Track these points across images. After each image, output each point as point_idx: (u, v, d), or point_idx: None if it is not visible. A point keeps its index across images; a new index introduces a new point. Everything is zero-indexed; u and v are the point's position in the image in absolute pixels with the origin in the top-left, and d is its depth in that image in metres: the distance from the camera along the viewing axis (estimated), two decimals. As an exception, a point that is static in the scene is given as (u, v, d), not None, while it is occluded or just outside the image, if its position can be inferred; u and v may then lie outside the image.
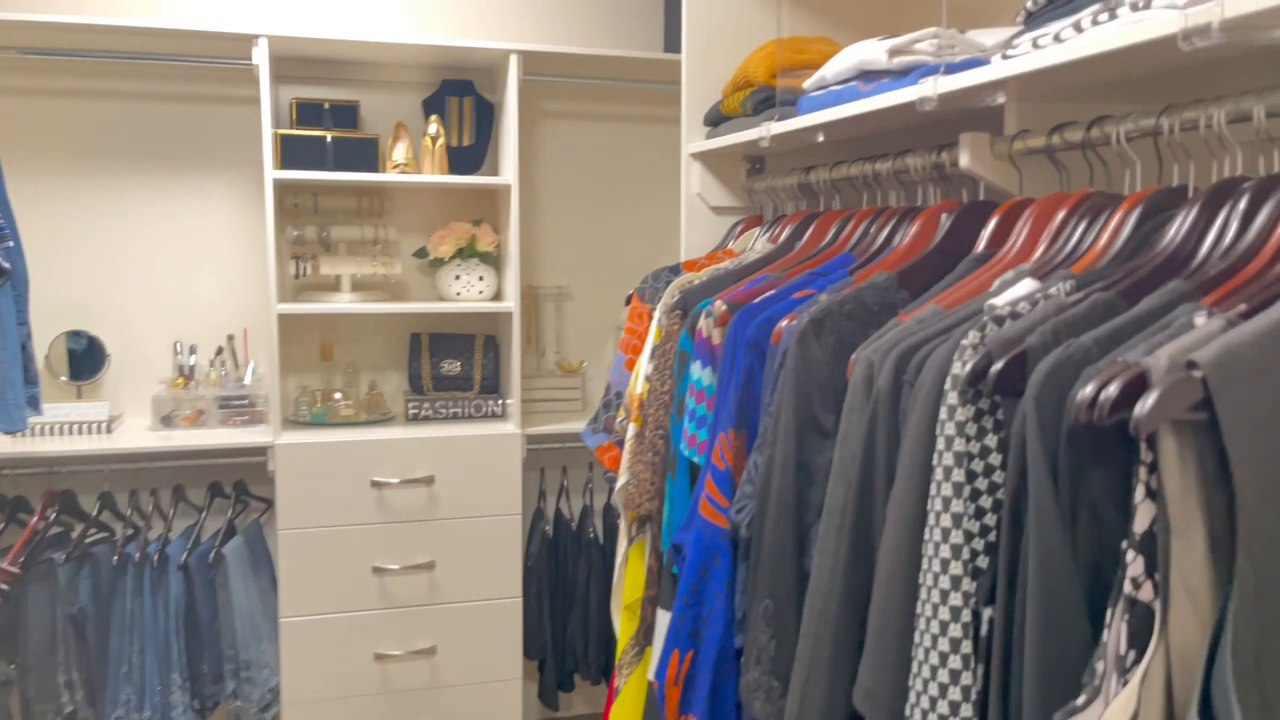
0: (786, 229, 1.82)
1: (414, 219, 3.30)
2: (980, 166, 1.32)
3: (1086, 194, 1.14)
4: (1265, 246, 0.87)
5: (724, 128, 1.98)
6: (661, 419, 1.74)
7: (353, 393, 3.18)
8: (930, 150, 1.45)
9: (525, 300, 3.37)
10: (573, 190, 3.43)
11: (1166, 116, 1.03)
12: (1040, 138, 1.23)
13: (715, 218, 2.12)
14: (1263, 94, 0.93)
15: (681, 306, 1.74)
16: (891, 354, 1.08)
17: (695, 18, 2.06)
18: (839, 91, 1.59)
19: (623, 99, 3.43)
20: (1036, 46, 1.14)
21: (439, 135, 3.08)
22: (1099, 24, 1.05)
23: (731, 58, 2.08)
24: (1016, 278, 1.10)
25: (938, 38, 1.43)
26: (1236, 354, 0.74)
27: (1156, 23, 0.92)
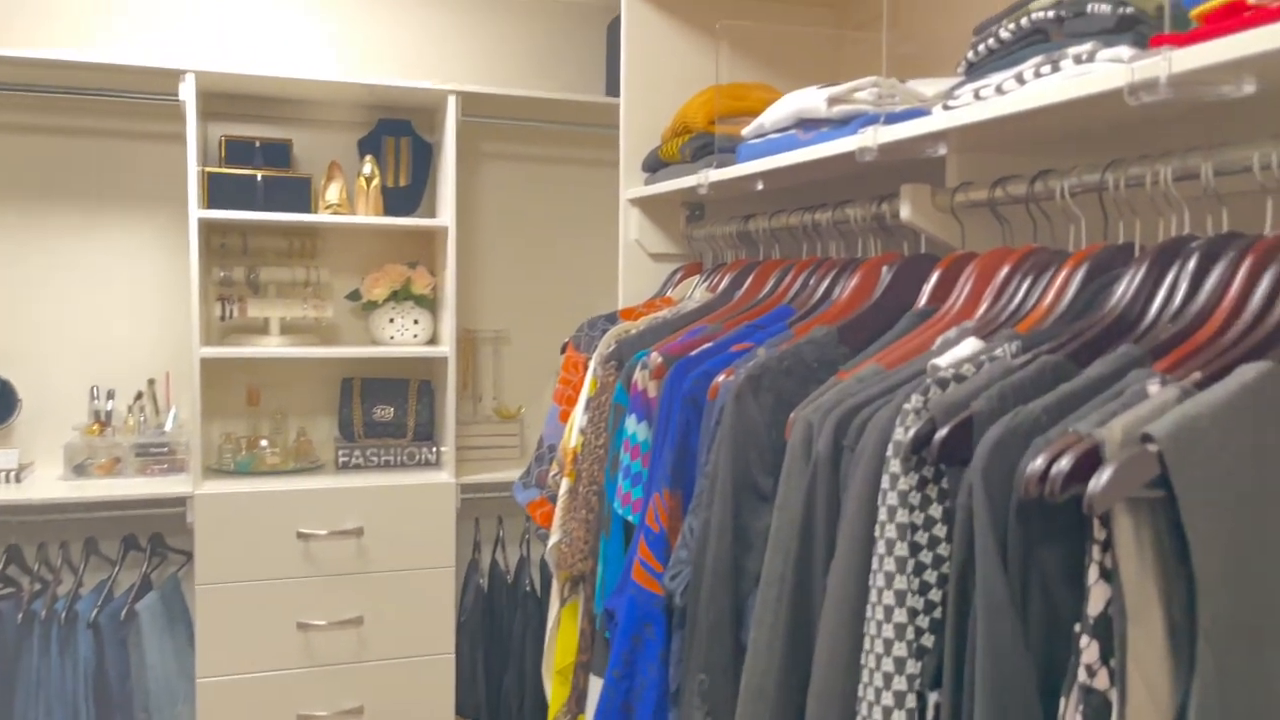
0: (725, 278, 1.77)
1: (347, 260, 3.21)
2: (921, 218, 1.28)
3: (1030, 250, 1.11)
4: (1216, 310, 0.83)
5: (662, 174, 1.93)
6: (596, 474, 1.67)
7: (280, 440, 3.05)
8: (870, 201, 1.41)
9: (462, 344, 3.28)
10: (512, 232, 3.37)
11: (1112, 172, 1.00)
12: (982, 190, 1.19)
13: (654, 264, 2.07)
14: (1210, 151, 0.90)
15: (617, 357, 1.68)
16: (831, 416, 1.02)
17: (634, 63, 2.02)
18: (778, 139, 1.55)
19: (563, 142, 3.39)
20: (978, 98, 1.10)
21: (374, 176, 3.00)
22: (1042, 76, 1.01)
23: (670, 103, 2.04)
24: (959, 336, 1.05)
25: (877, 87, 1.40)
26: (1193, 427, 0.69)
27: (1103, 76, 0.88)
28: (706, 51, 2.06)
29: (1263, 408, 0.71)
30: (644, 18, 2.03)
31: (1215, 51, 0.79)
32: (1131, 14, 0.94)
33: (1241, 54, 0.77)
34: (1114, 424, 0.72)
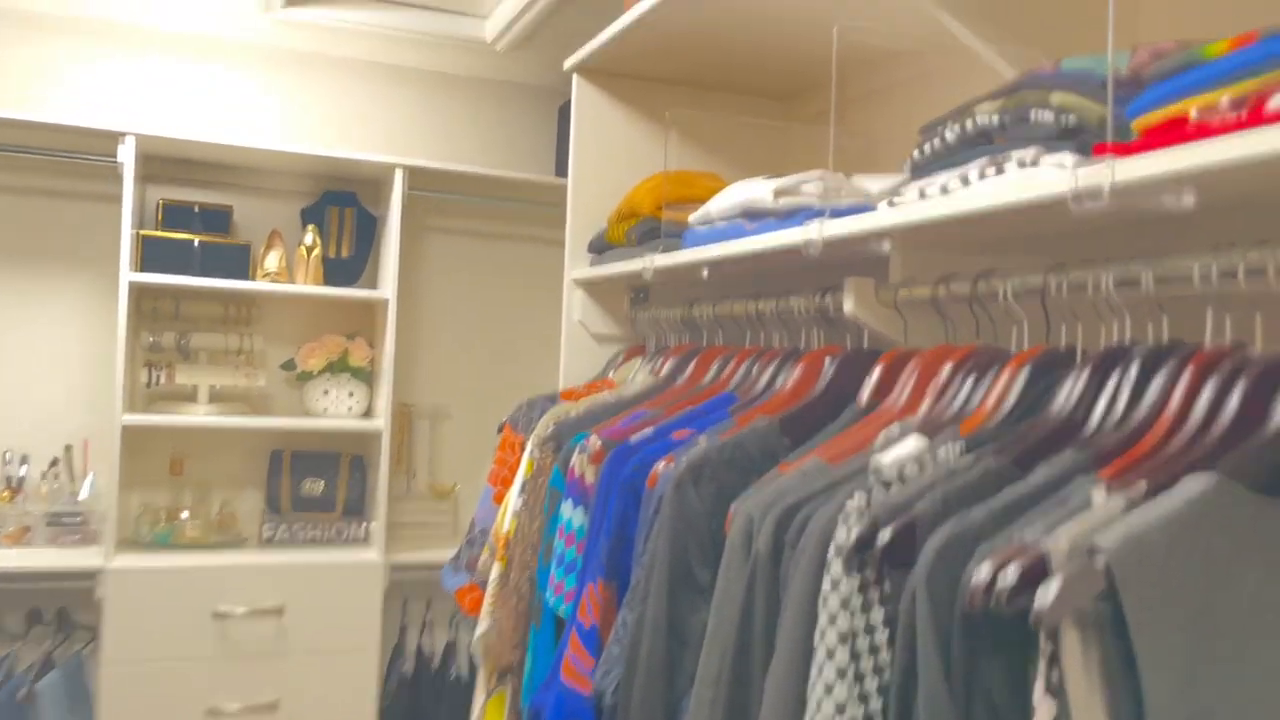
0: (669, 362, 1.75)
1: (284, 330, 3.14)
2: (864, 313, 1.28)
3: (973, 349, 1.10)
4: (1160, 419, 0.83)
5: (608, 256, 1.92)
6: (528, 561, 1.62)
7: (202, 512, 2.94)
8: (814, 293, 1.41)
9: (398, 418, 3.21)
10: (454, 307, 3.34)
11: (1054, 275, 1.00)
12: (925, 288, 1.20)
13: (596, 346, 2.05)
14: (1150, 260, 0.91)
15: (555, 439, 1.64)
16: (772, 511, 1.00)
17: (583, 146, 2.03)
18: (724, 228, 1.56)
19: (510, 219, 3.39)
20: (923, 196, 1.11)
21: (315, 245, 2.96)
22: (986, 178, 1.02)
23: (618, 186, 2.04)
24: (902, 434, 1.04)
25: (823, 181, 1.41)
26: (1142, 540, 0.68)
27: (1047, 182, 0.89)
28: (655, 138, 2.08)
29: (1210, 521, 0.70)
30: (594, 102, 2.05)
31: (1158, 163, 0.80)
32: (1074, 123, 0.95)
33: (1183, 167, 0.78)
34: (1060, 534, 0.71)
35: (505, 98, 3.42)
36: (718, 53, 1.90)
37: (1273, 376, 0.78)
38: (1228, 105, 0.76)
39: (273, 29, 3.00)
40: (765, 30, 1.77)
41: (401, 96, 3.31)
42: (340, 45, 3.14)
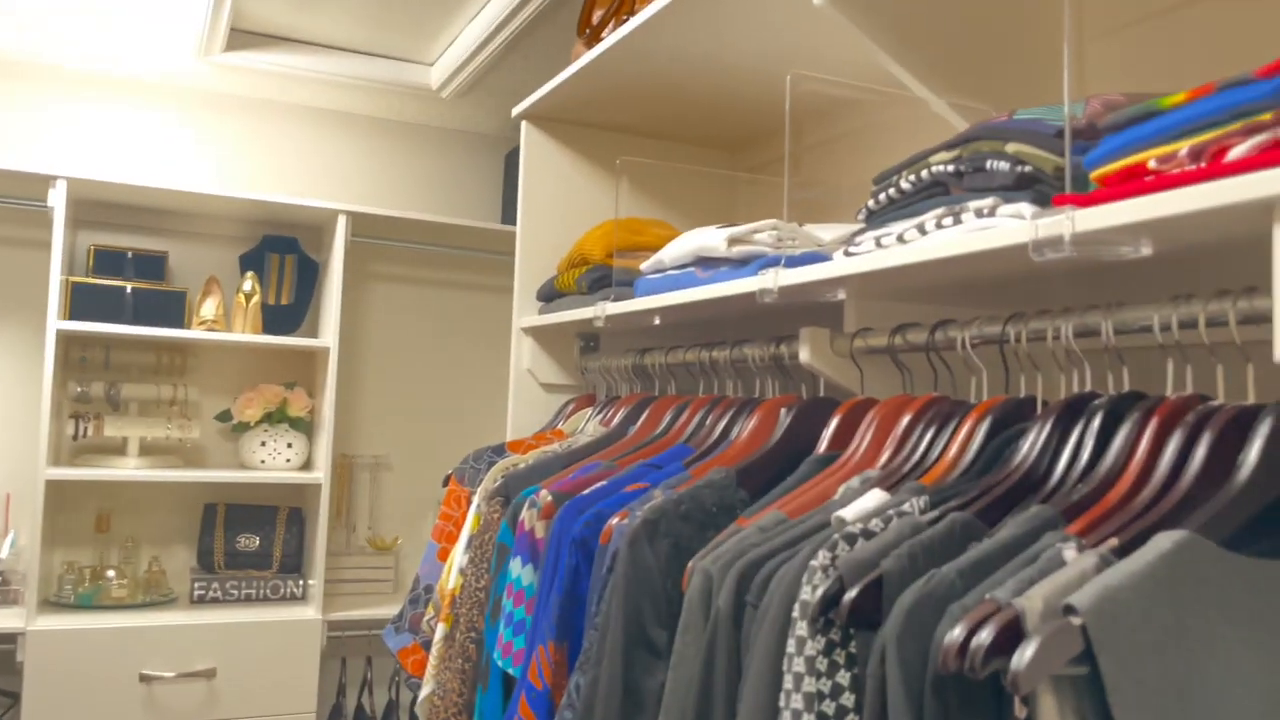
0: (620, 412, 1.72)
1: (219, 380, 3.05)
2: (820, 362, 1.26)
3: (931, 399, 1.09)
4: (1125, 472, 0.82)
5: (558, 304, 1.89)
6: (475, 620, 1.56)
7: (130, 570, 2.81)
8: (769, 342, 1.39)
9: (338, 470, 3.13)
10: (398, 356, 3.27)
11: (1012, 325, 1.00)
12: (882, 337, 1.18)
13: (545, 395, 2.01)
14: (1110, 310, 0.91)
15: (503, 493, 1.59)
16: (733, 569, 0.96)
17: (531, 193, 2.01)
18: (677, 276, 1.54)
19: (455, 266, 3.35)
20: (880, 245, 1.10)
21: (254, 293, 2.89)
22: (944, 228, 1.02)
23: (567, 234, 2.02)
24: (863, 487, 1.02)
25: (776, 230, 1.40)
26: (1116, 599, 0.66)
27: (1008, 231, 0.88)
28: (603, 185, 2.06)
29: (1183, 580, 0.68)
30: (543, 149, 2.03)
31: (1116, 214, 0.79)
32: (1030, 172, 0.95)
33: (1141, 218, 0.77)
34: (1034, 593, 0.68)
35: (451, 144, 3.40)
36: (666, 101, 1.90)
37: (1236, 429, 0.77)
38: (1187, 156, 0.76)
39: (212, 73, 2.95)
40: (713, 80, 1.77)
41: (345, 142, 3.26)
42: (282, 90, 3.10)
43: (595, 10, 1.89)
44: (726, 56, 1.66)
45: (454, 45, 2.85)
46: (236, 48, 2.77)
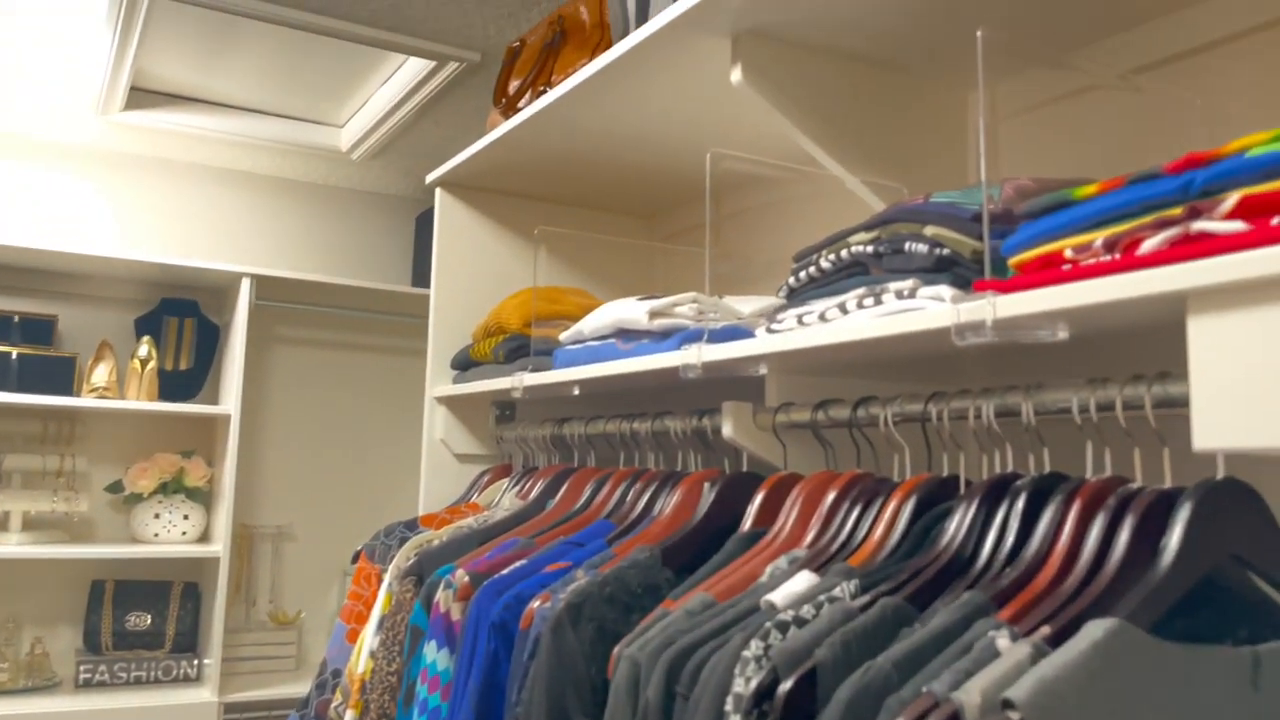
0: (538, 484, 1.68)
1: (111, 449, 2.90)
2: (743, 437, 1.26)
3: (854, 476, 1.09)
4: (1051, 555, 0.82)
5: (473, 373, 1.86)
6: (387, 706, 1.49)
7: (10, 653, 2.63)
8: (691, 415, 1.39)
9: (238, 541, 3.00)
10: (303, 421, 3.17)
11: (934, 404, 1.01)
12: (804, 412, 1.19)
13: (459, 466, 1.96)
14: (1029, 391, 0.92)
15: (417, 572, 1.54)
16: (662, 658, 0.94)
17: (446, 260, 1.98)
18: (597, 347, 1.52)
19: (364, 329, 3.28)
20: (802, 323, 1.11)
21: (150, 358, 2.77)
22: (865, 308, 1.03)
23: (482, 301, 2.00)
24: (791, 568, 1.01)
25: (697, 302, 1.40)
26: (1052, 691, 0.66)
27: (932, 315, 0.90)
28: (518, 252, 2.05)
29: (1114, 669, 0.68)
30: (458, 217, 2.01)
31: (1036, 301, 0.81)
32: (948, 255, 0.97)
33: (1060, 305, 0.79)
34: (971, 686, 0.68)
35: (361, 206, 3.35)
36: (582, 170, 1.90)
37: (1157, 512, 0.78)
38: (1102, 246, 0.79)
39: (111, 132, 2.86)
40: (630, 150, 1.78)
41: (251, 202, 3.19)
42: (186, 149, 3.01)
43: (511, 80, 1.89)
44: (644, 128, 1.67)
45: (365, 108, 2.82)
46: (137, 106, 2.69)
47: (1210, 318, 0.70)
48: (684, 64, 1.41)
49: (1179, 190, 0.74)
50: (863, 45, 1.33)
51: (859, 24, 1.26)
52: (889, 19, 1.25)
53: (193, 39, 2.46)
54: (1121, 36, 1.25)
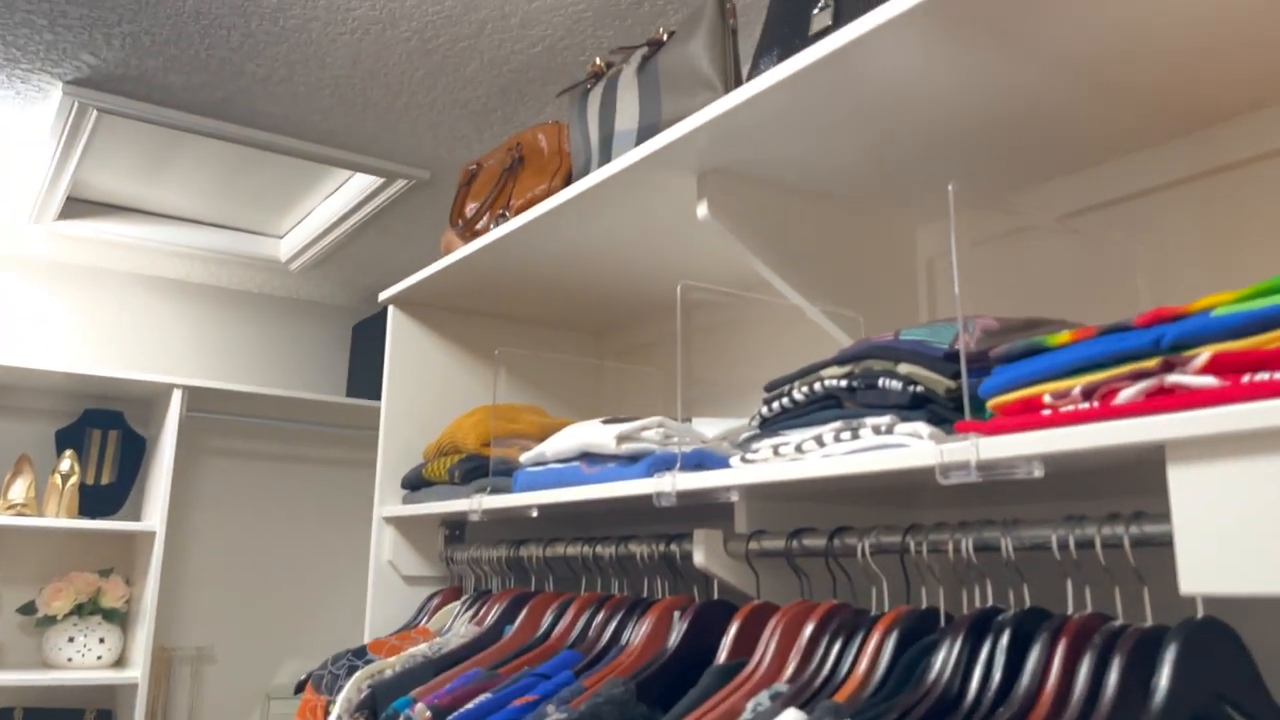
0: (494, 609, 1.65)
1: (23, 568, 2.76)
2: (715, 565, 1.26)
3: (832, 607, 1.10)
4: (1042, 694, 0.84)
5: (425, 493, 1.83)
6: None
7: (-103, 796, 2.43)
8: (658, 540, 1.39)
9: (156, 665, 2.85)
10: (228, 537, 3.06)
11: (912, 536, 1.03)
12: (778, 540, 1.20)
13: (407, 588, 1.92)
14: (1007, 527, 0.96)
15: (370, 705, 1.49)
16: (653, 803, 0.92)
17: (397, 376, 1.97)
18: (560, 470, 1.52)
19: (295, 440, 3.21)
20: (778, 454, 1.13)
21: (72, 472, 2.67)
22: (842, 441, 1.06)
23: (433, 418, 1.98)
24: (775, 704, 1.01)
25: (663, 426, 1.42)
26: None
27: (916, 453, 0.93)
28: (470, 368, 2.05)
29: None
30: (409, 334, 2.00)
31: (1019, 444, 0.85)
32: (922, 393, 1.01)
33: (1043, 450, 0.83)
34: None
35: (296, 315, 3.31)
36: (537, 290, 1.93)
37: (1143, 651, 0.81)
38: (1080, 394, 0.83)
39: (39, 240, 2.80)
40: (588, 272, 1.82)
41: (181, 312, 3.13)
42: (119, 258, 2.96)
43: (468, 202, 1.92)
44: (601, 252, 1.71)
45: (307, 220, 2.83)
46: (72, 216, 2.64)
47: (1189, 467, 0.75)
48: (647, 197, 1.46)
49: (1151, 344, 0.80)
50: (818, 183, 1.40)
51: (814, 164, 1.33)
52: (842, 160, 1.32)
53: (135, 151, 2.44)
54: (1061, 180, 1.34)
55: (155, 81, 2.02)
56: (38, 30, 1.85)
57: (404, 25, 1.84)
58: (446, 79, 2.04)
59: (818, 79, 1.10)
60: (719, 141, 1.28)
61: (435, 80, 2.04)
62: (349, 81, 2.05)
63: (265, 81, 2.04)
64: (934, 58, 1.03)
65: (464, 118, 2.20)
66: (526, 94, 2.10)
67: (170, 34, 1.86)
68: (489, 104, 2.14)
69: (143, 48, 1.91)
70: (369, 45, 1.91)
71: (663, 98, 1.51)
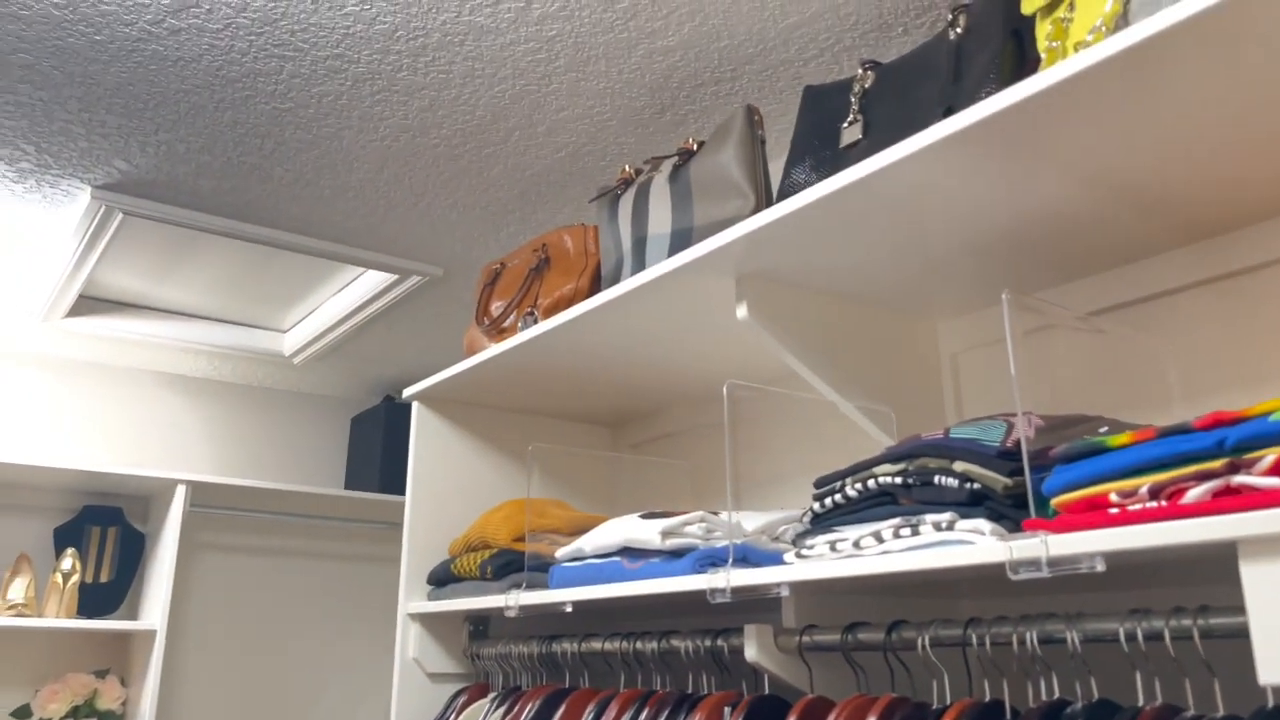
0: (528, 707, 1.65)
1: (18, 670, 2.70)
2: (766, 659, 1.29)
3: (892, 700, 1.13)
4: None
5: (454, 589, 1.84)
6: None
7: None
8: (704, 635, 1.41)
9: (152, 771, 2.77)
10: (228, 634, 3.01)
11: (974, 629, 1.07)
12: (832, 634, 1.23)
13: (433, 686, 1.91)
14: (1071, 620, 1.00)
15: (412, 807, 1.47)
16: None
17: (421, 472, 1.99)
18: (600, 565, 1.54)
19: (294, 534, 3.18)
20: (835, 550, 1.17)
21: (73, 571, 2.63)
22: (902, 537, 1.10)
23: (456, 514, 2.00)
24: (851, 798, 1.03)
25: (704, 521, 1.45)
26: None
27: (985, 550, 0.97)
28: (493, 462, 2.07)
29: None
30: (431, 429, 2.03)
31: (1089, 541, 0.90)
32: (980, 490, 1.06)
33: (1114, 547, 0.88)
34: None
35: (295, 408, 3.32)
36: (554, 385, 1.97)
37: (1221, 739, 0.85)
38: (1147, 493, 0.88)
39: (45, 336, 2.80)
40: (605, 368, 1.86)
41: (181, 406, 3.13)
42: (120, 354, 2.97)
43: (494, 301, 1.97)
44: (628, 348, 1.76)
45: (314, 314, 2.86)
46: (81, 313, 2.66)
47: (1263, 563, 0.80)
48: (682, 298, 1.52)
49: (1214, 445, 0.85)
50: (847, 284, 1.46)
51: (843, 267, 1.40)
52: (870, 263, 1.39)
53: (150, 250, 2.48)
54: (1081, 281, 1.41)
55: (184, 186, 2.07)
56: (73, 139, 1.90)
57: (434, 133, 1.92)
58: (469, 182, 2.11)
59: (852, 196, 1.17)
60: (756, 249, 1.34)
61: (458, 184, 2.11)
62: (373, 184, 2.11)
63: (292, 185, 2.09)
64: (966, 173, 1.11)
65: (482, 218, 2.27)
66: (545, 196, 2.17)
67: (205, 142, 1.92)
68: (508, 205, 2.21)
69: (176, 155, 1.96)
70: (397, 151, 1.98)
71: (695, 204, 1.58)
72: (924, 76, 1.34)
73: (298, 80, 1.74)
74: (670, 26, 1.62)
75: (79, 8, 1.53)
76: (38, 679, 2.69)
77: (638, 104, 1.84)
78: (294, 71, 1.71)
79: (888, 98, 1.39)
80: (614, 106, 1.84)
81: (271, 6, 1.54)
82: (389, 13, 1.56)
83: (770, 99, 1.83)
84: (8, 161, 1.97)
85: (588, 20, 1.60)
